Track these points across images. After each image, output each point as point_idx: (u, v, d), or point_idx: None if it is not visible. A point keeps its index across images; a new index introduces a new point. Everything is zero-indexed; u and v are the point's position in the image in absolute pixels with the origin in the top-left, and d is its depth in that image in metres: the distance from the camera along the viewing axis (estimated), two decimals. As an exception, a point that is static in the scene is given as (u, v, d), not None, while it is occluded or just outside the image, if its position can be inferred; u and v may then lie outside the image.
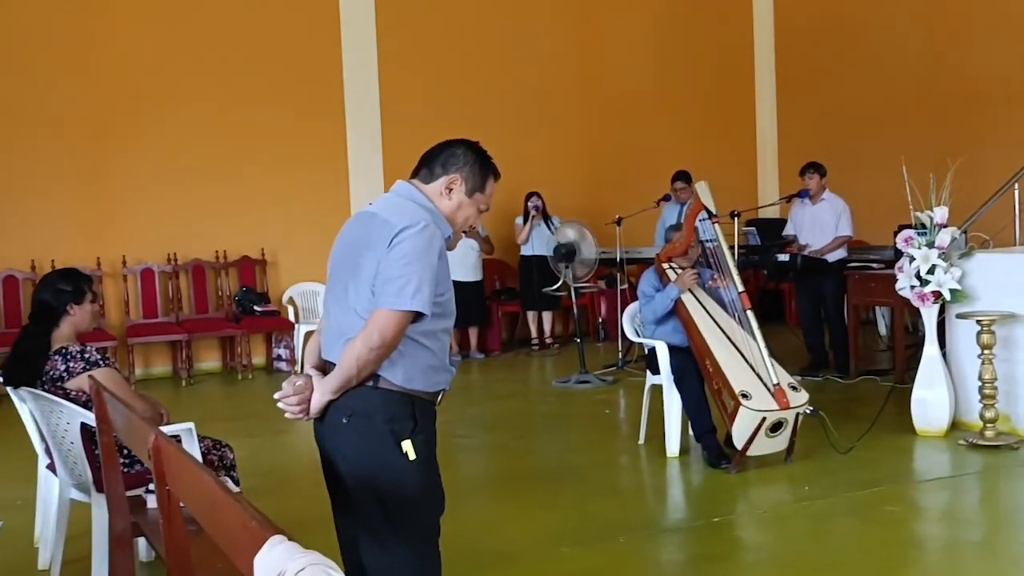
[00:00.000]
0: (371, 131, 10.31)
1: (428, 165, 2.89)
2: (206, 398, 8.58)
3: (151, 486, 3.42)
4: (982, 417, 5.83)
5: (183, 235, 9.54)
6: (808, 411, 5.47)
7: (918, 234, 6.14)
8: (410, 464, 2.74)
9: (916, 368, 6.27)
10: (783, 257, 8.27)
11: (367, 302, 2.70)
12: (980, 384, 5.82)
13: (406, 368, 2.74)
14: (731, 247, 6.56)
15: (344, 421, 2.74)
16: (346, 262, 2.81)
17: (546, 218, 10.00)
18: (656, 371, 5.97)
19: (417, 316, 2.68)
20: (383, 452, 2.73)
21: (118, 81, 9.33)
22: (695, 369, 5.70)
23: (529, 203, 9.98)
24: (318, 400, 2.75)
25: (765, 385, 5.42)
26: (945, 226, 6.09)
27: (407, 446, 2.73)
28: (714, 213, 5.78)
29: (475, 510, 4.97)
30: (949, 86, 10.23)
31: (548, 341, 10.36)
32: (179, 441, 3.91)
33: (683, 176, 9.30)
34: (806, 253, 8.21)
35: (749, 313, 5.62)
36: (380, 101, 10.34)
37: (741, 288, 5.71)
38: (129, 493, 3.71)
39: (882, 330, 9.97)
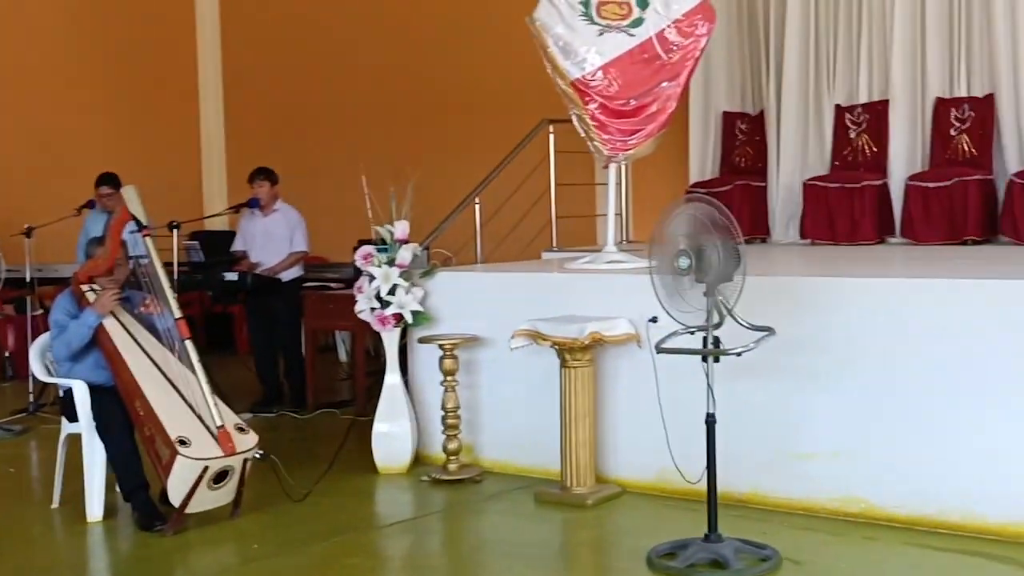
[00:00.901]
0: None
1: None
2: None
3: None
4: (445, 449, 6.09)
5: None
6: (257, 455, 5.41)
7: (378, 251, 6.28)
8: None
9: (379, 399, 6.41)
10: (231, 276, 8.20)
11: None
12: (443, 413, 6.08)
13: None
14: (168, 264, 6.33)
15: None
16: None
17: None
18: (74, 417, 5.60)
19: None
20: None
21: None
22: (123, 413, 5.42)
23: None
24: None
25: (207, 428, 5.27)
26: (406, 242, 6.30)
27: None
28: (144, 224, 5.57)
29: None
30: (408, 93, 10.80)
31: (-66, 383, 9.33)
32: None
33: (110, 179, 8.78)
34: (258, 271, 8.16)
35: (188, 343, 5.46)
36: None
37: (178, 314, 5.54)
38: None
39: (343, 357, 10.21)
